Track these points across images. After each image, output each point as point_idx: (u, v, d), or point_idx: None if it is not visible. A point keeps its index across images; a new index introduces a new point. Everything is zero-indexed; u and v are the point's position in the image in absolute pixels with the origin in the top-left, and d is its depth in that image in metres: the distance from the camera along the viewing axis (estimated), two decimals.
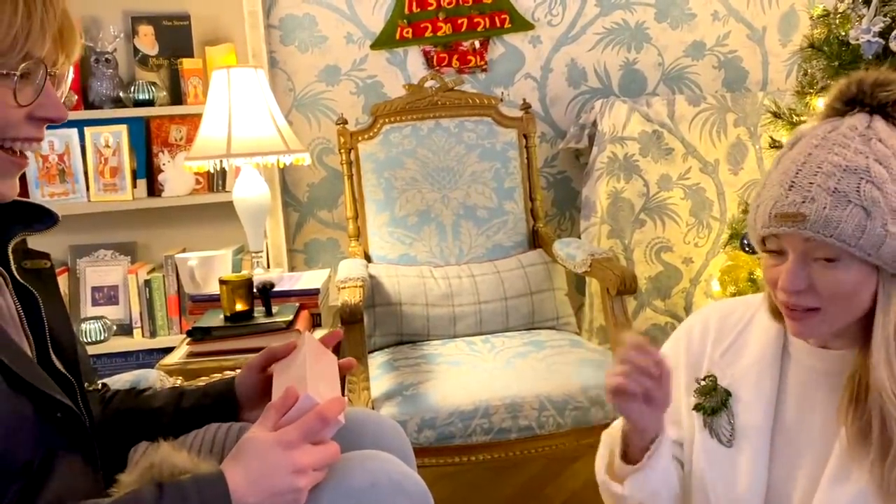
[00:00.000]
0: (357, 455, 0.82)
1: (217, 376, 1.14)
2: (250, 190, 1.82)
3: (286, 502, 0.72)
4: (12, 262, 0.80)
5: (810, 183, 0.79)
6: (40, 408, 0.74)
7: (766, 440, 0.90)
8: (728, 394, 0.93)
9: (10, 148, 0.72)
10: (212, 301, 1.67)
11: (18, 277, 0.80)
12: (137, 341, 2.12)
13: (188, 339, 1.57)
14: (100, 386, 0.98)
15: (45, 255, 0.87)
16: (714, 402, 0.93)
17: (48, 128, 0.77)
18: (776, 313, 0.91)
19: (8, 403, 0.70)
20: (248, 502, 0.70)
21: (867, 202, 0.77)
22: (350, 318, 1.54)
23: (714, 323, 1.00)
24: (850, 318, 0.83)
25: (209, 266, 1.78)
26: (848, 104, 0.85)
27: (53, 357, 0.81)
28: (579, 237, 2.23)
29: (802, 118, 1.77)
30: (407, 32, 2.28)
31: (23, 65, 0.69)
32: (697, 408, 0.96)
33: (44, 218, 0.83)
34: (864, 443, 0.81)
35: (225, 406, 0.96)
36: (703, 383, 0.96)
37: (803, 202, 0.79)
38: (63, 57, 0.73)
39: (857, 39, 1.66)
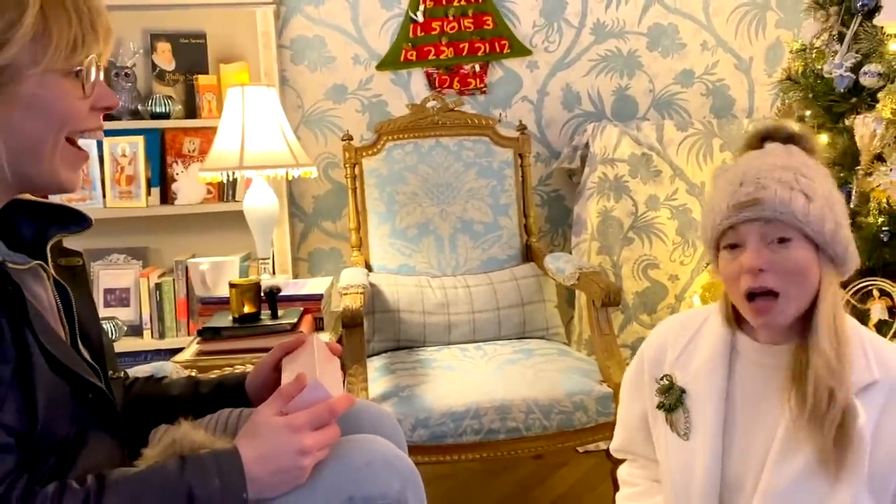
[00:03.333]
0: (356, 438, 0.92)
1: (229, 369, 1.23)
2: (260, 200, 1.93)
3: (291, 478, 0.82)
4: (50, 259, 0.89)
5: (758, 178, 0.93)
6: (76, 389, 0.83)
7: (719, 433, 1.00)
8: (683, 391, 1.04)
9: (74, 141, 0.82)
10: (221, 303, 1.77)
11: (54, 273, 0.89)
12: (147, 342, 2.22)
13: (198, 338, 1.67)
14: (123, 375, 1.08)
15: (79, 254, 0.96)
16: (671, 399, 1.04)
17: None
18: (730, 319, 1.02)
19: (50, 384, 0.78)
20: (258, 476, 0.80)
21: (806, 189, 0.92)
22: (351, 322, 1.64)
23: (669, 333, 1.10)
24: (805, 300, 0.94)
25: (219, 270, 1.89)
26: (762, 140, 1.01)
27: (81, 346, 0.90)
28: (570, 253, 2.34)
29: None
30: (411, 55, 2.40)
31: (86, 61, 0.79)
32: (659, 406, 1.06)
33: (79, 220, 0.92)
34: (804, 418, 0.91)
35: (237, 400, 1.05)
36: (661, 383, 1.06)
37: (756, 190, 0.92)
38: (105, 49, 0.83)
39: (831, 73, 1.78)
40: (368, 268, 2.11)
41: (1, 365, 0.73)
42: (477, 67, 2.44)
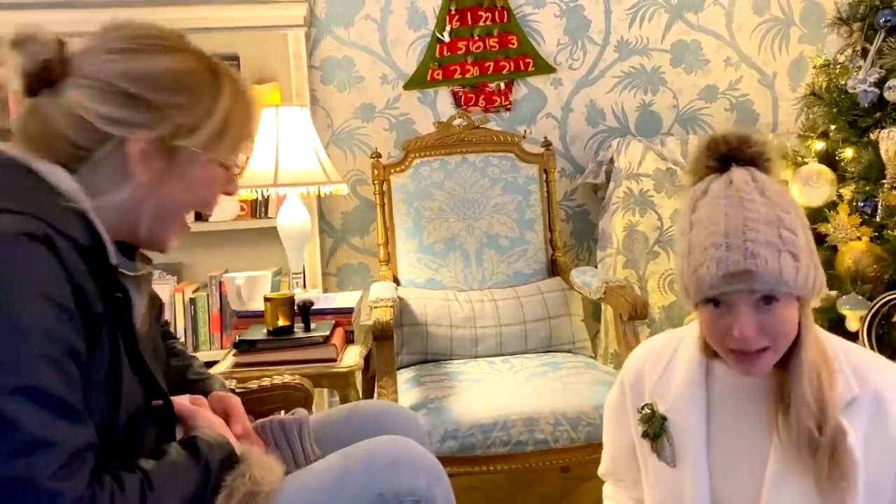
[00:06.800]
0: (384, 438, 0.98)
1: (267, 381, 1.28)
2: (294, 217, 1.98)
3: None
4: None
5: (744, 241, 0.86)
6: (148, 396, 0.86)
7: (703, 457, 0.98)
8: (665, 419, 1.02)
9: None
10: (255, 317, 1.82)
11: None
12: None
13: (234, 351, 1.72)
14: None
15: (150, 261, 1.00)
16: (654, 428, 1.02)
17: None
18: (709, 352, 0.99)
19: (131, 390, 0.82)
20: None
21: (792, 247, 0.87)
22: (382, 334, 1.68)
23: (646, 359, 1.09)
24: (788, 345, 0.92)
25: (253, 285, 1.94)
26: (721, 160, 0.94)
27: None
28: (596, 267, 2.36)
29: (805, 160, 1.90)
30: (437, 74, 2.45)
31: (238, 158, 0.91)
32: (644, 435, 1.04)
33: None
34: (797, 447, 0.91)
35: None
36: (643, 412, 1.04)
37: (746, 260, 0.86)
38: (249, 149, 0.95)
39: (855, 88, 1.80)
40: (396, 282, 2.16)
41: (99, 368, 0.76)
42: (502, 85, 2.49)
